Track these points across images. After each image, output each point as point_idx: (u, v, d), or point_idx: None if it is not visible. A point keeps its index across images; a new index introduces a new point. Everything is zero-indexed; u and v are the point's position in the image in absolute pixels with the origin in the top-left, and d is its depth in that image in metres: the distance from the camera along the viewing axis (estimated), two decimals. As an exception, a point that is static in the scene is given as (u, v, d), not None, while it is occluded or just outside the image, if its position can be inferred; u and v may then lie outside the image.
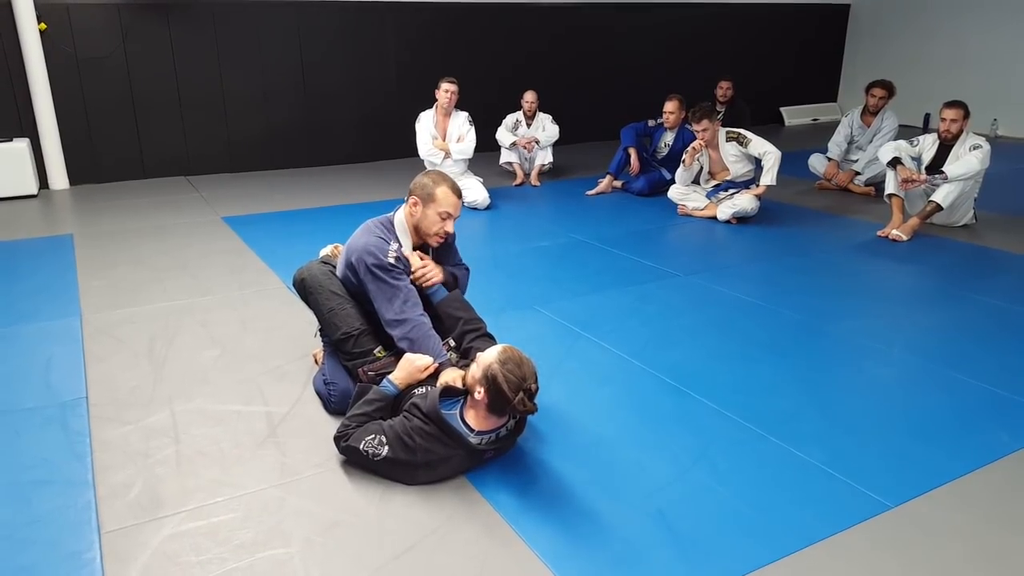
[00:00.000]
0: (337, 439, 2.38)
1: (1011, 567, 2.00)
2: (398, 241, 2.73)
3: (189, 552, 2.01)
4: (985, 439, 2.61)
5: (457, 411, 2.34)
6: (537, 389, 2.26)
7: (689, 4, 9.35)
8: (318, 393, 2.84)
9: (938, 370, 3.15)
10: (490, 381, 2.21)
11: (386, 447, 2.26)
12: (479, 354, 2.34)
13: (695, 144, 5.53)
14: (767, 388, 2.98)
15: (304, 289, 2.81)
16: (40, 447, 2.51)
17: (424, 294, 2.75)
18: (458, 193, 2.73)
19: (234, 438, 2.58)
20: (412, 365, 2.48)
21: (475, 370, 2.29)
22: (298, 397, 2.87)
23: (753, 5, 9.90)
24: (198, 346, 3.33)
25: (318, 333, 2.95)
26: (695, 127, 5.44)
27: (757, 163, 5.50)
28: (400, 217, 2.77)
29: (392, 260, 2.64)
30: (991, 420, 2.74)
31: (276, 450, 2.51)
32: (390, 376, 2.49)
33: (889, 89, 6.37)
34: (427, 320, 2.64)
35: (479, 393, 2.25)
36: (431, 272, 2.76)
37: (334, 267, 2.86)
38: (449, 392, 2.40)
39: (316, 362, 3.10)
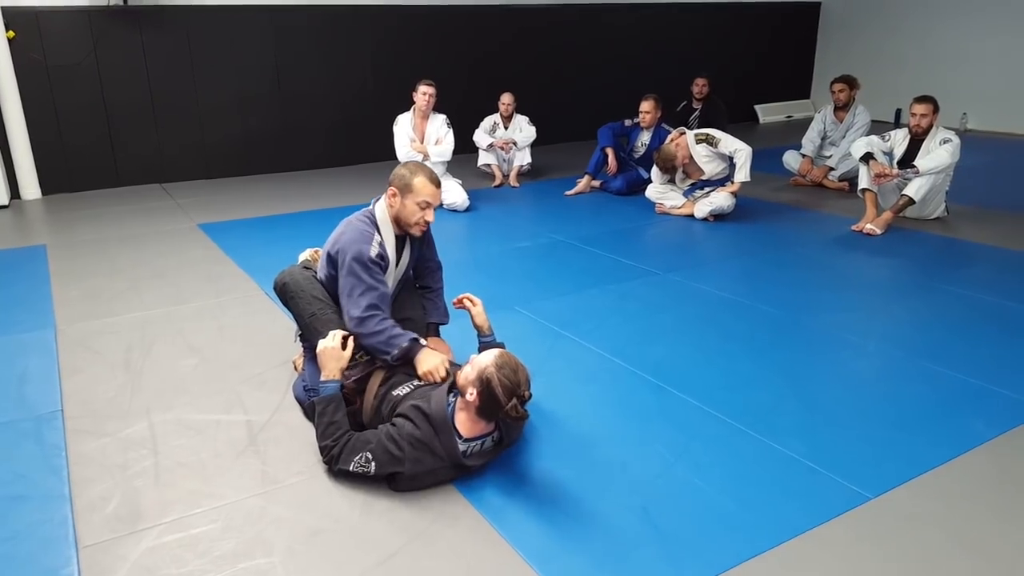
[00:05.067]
0: (328, 463, 2.36)
1: (990, 554, 2.03)
2: (380, 234, 2.71)
3: (169, 565, 1.99)
4: (962, 428, 2.65)
5: (448, 412, 2.33)
6: (530, 396, 2.26)
7: (662, 4, 9.41)
8: (298, 400, 2.82)
9: (914, 361, 3.19)
10: (484, 384, 2.21)
11: (373, 464, 2.25)
12: (474, 356, 2.33)
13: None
14: (747, 383, 3.01)
15: (285, 293, 2.78)
16: (15, 462, 2.47)
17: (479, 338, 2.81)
18: (436, 183, 2.72)
19: (213, 448, 2.55)
20: (328, 352, 2.44)
21: (469, 371, 2.27)
22: (278, 404, 2.85)
23: (725, 4, 9.98)
24: (176, 355, 3.29)
25: (297, 338, 2.92)
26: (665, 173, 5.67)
27: (730, 160, 5.54)
28: (381, 208, 2.75)
29: (374, 255, 2.61)
30: (967, 409, 2.78)
31: (256, 459, 2.49)
32: (321, 378, 2.45)
33: (850, 83, 6.45)
34: (390, 322, 2.58)
35: (471, 394, 2.24)
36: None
37: (315, 272, 2.84)
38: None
39: (296, 368, 3.08)
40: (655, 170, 5.80)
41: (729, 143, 5.39)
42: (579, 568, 1.98)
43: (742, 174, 5.37)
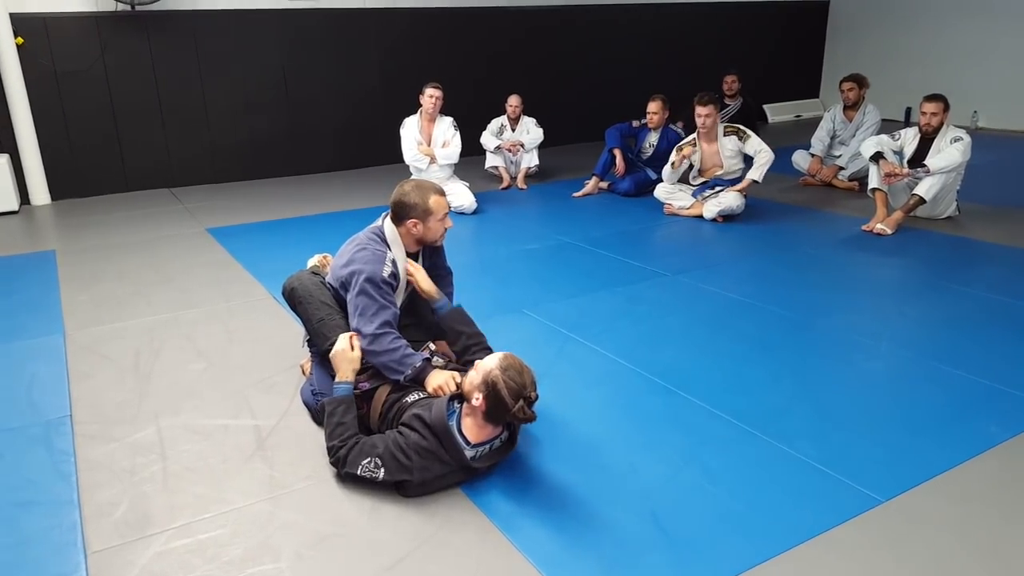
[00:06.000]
0: (335, 465, 2.35)
1: (1004, 558, 2.01)
2: (391, 252, 2.71)
3: (177, 570, 1.99)
4: (975, 430, 2.62)
5: (455, 421, 2.33)
6: (536, 398, 2.26)
7: (670, 3, 9.38)
8: (306, 404, 2.82)
9: (926, 362, 3.16)
10: (490, 387, 2.21)
11: (382, 470, 2.25)
12: (479, 361, 2.33)
13: (686, 150, 5.53)
14: (757, 386, 2.98)
15: (294, 298, 2.78)
16: (24, 467, 2.48)
17: (430, 307, 2.76)
18: (442, 192, 2.75)
19: (221, 452, 2.55)
20: (341, 355, 2.48)
21: (474, 376, 2.28)
22: (286, 409, 2.84)
23: (734, 3, 9.95)
24: (184, 360, 3.29)
25: (305, 343, 2.92)
26: (699, 110, 5.40)
27: (746, 161, 5.51)
28: (390, 228, 2.75)
29: (387, 275, 2.61)
30: (980, 411, 2.75)
31: (264, 463, 2.48)
32: (335, 380, 2.49)
33: (859, 81, 6.41)
34: (403, 340, 2.59)
35: (477, 399, 2.24)
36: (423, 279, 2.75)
37: (323, 277, 2.84)
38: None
39: (304, 373, 3.08)
40: (667, 169, 5.74)
41: (756, 143, 5.39)
42: (588, 574, 1.96)
43: (758, 173, 5.34)
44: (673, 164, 5.63)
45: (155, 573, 1.98)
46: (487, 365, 2.26)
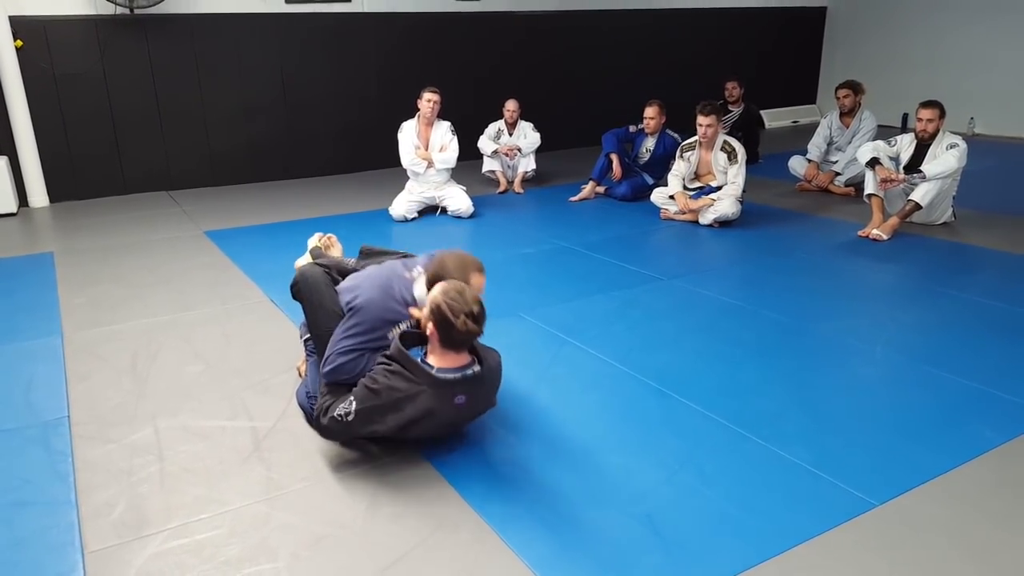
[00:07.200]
0: (318, 419, 2.42)
1: (997, 562, 2.02)
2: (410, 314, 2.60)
3: (174, 570, 1.99)
4: (969, 435, 2.64)
5: (420, 357, 2.40)
6: (481, 311, 2.32)
7: (667, 9, 9.42)
8: (301, 406, 2.82)
9: (921, 367, 3.18)
10: (435, 310, 2.29)
11: (353, 402, 2.32)
12: (427, 295, 2.43)
13: (682, 203, 5.57)
14: (752, 389, 3.00)
15: (302, 297, 2.76)
16: (22, 468, 2.48)
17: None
18: (482, 269, 2.61)
19: (218, 454, 2.56)
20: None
21: (424, 310, 2.38)
22: (282, 411, 2.85)
23: (731, 9, 9.98)
24: (181, 362, 3.30)
25: (303, 341, 2.93)
26: (700, 119, 5.39)
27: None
28: (420, 293, 2.57)
29: (382, 340, 2.54)
30: (974, 416, 2.77)
31: (261, 465, 2.49)
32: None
33: (854, 88, 6.44)
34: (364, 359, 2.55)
35: (430, 328, 2.33)
36: None
37: (328, 268, 2.82)
38: (412, 340, 2.47)
39: (300, 375, 3.09)
40: (672, 173, 5.75)
41: (735, 172, 5.41)
42: None
43: (724, 197, 5.41)
44: (673, 196, 5.68)
45: (152, 573, 1.99)
46: (432, 294, 2.35)
